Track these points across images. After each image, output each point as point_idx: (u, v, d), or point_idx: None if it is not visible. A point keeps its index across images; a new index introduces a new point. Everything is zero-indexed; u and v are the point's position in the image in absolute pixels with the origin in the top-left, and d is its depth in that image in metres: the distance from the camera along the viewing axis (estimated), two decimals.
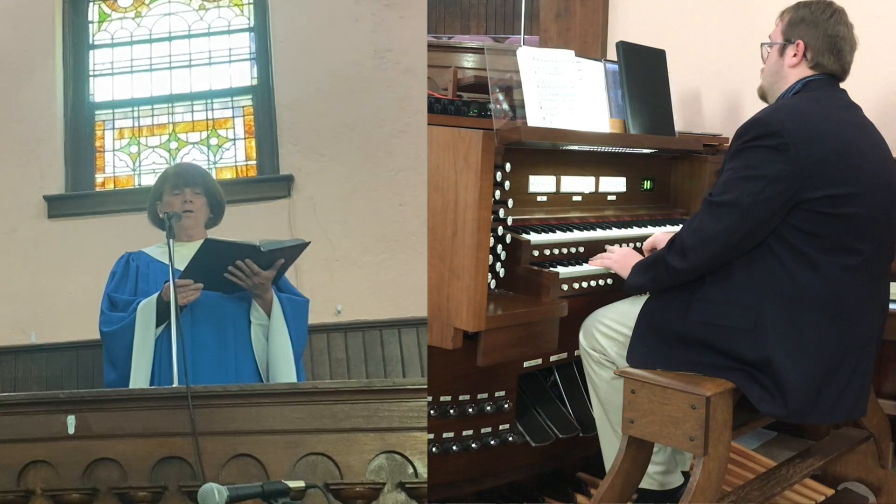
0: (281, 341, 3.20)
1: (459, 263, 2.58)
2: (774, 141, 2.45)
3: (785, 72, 2.74)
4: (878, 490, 3.14)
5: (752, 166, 2.48)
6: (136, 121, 4.98)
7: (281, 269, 3.22)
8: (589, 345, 2.85)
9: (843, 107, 2.67)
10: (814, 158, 2.45)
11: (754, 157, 2.48)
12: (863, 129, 2.66)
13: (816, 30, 2.68)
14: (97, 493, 2.64)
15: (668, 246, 2.63)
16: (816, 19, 2.69)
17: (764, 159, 2.47)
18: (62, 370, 4.54)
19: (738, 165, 2.52)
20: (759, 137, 2.48)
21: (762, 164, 2.47)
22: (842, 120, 2.60)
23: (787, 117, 2.51)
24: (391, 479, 2.62)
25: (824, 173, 2.46)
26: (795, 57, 2.71)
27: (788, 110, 2.58)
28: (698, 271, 2.57)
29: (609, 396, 2.84)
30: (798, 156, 2.44)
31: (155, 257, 3.36)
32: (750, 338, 2.48)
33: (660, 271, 2.64)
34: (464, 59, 5.52)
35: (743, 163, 2.51)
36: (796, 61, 2.71)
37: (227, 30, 5.02)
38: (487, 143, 2.56)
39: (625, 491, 2.61)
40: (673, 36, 3.98)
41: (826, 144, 2.48)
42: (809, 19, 2.70)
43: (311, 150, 4.66)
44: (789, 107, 2.62)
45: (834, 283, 2.49)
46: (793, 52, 2.71)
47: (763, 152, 2.47)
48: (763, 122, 2.51)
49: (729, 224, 2.49)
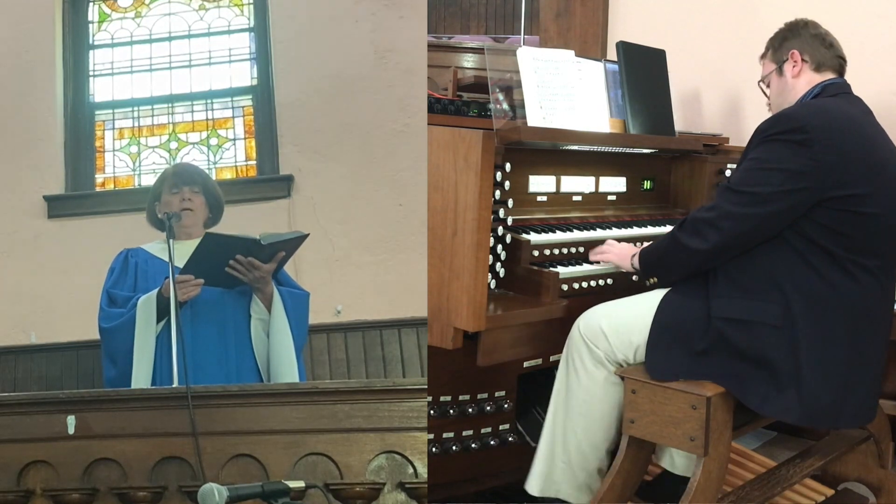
0: (282, 335, 3.20)
1: (459, 263, 2.58)
2: (799, 136, 2.45)
3: (791, 85, 2.76)
4: (878, 490, 3.14)
5: (774, 159, 2.47)
6: (136, 121, 4.98)
7: (281, 261, 3.22)
8: (589, 337, 2.67)
9: (861, 111, 2.68)
10: (836, 157, 2.44)
11: (777, 151, 2.47)
12: (880, 133, 2.66)
13: (801, 37, 2.74)
14: (97, 493, 2.63)
15: (679, 226, 2.61)
16: (796, 31, 2.77)
17: (787, 153, 2.46)
18: (62, 370, 4.54)
19: (759, 157, 2.51)
20: (783, 132, 2.47)
21: (785, 158, 2.45)
22: (863, 122, 2.60)
23: (812, 114, 2.52)
24: (391, 479, 2.61)
25: (847, 172, 2.45)
26: (796, 67, 2.74)
27: (813, 108, 2.60)
28: (709, 254, 2.52)
29: (587, 399, 2.68)
30: (821, 152, 2.43)
31: (154, 254, 3.36)
32: (778, 334, 2.45)
33: (671, 250, 2.60)
34: (464, 59, 5.51)
35: (765, 155, 2.49)
36: (798, 70, 2.74)
37: (227, 30, 5.02)
38: (487, 143, 2.56)
39: (625, 491, 2.60)
40: (673, 36, 3.97)
41: (849, 144, 2.47)
42: (790, 34, 2.77)
43: (311, 150, 4.66)
44: (814, 105, 2.64)
45: (862, 285, 2.48)
46: (791, 64, 2.74)
47: (786, 146, 2.46)
48: (788, 118, 2.51)
49: (746, 211, 2.47)
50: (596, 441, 2.71)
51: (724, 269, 2.55)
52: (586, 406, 2.69)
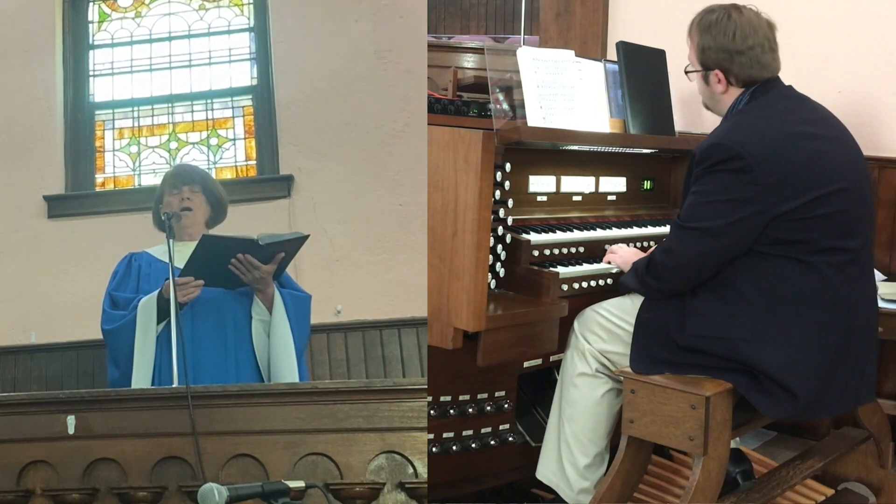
0: (282, 337, 3.20)
1: (459, 263, 2.58)
2: (737, 164, 2.42)
3: (718, 97, 2.70)
4: (878, 490, 3.14)
5: (718, 191, 2.46)
6: (136, 121, 4.97)
7: (282, 263, 3.22)
8: (582, 332, 2.81)
9: (795, 107, 2.63)
10: (779, 174, 2.43)
11: (719, 182, 2.46)
12: (820, 124, 2.61)
13: (726, 53, 2.62)
14: (97, 493, 2.63)
15: (646, 265, 2.63)
16: (721, 43, 2.61)
17: (729, 183, 2.44)
18: (62, 370, 4.54)
19: (703, 190, 2.49)
20: (721, 162, 2.45)
21: (728, 189, 2.44)
22: (799, 128, 2.55)
23: (745, 138, 2.46)
24: (391, 479, 2.62)
25: (793, 185, 2.44)
26: (721, 84, 2.67)
27: (744, 129, 2.52)
28: (674, 290, 2.57)
29: (580, 396, 2.80)
30: (763, 174, 2.42)
31: (157, 257, 3.36)
32: (750, 346, 2.48)
33: (642, 285, 2.65)
34: (464, 59, 5.52)
35: (708, 188, 2.48)
36: (723, 87, 2.67)
37: (227, 30, 5.01)
38: (487, 143, 2.56)
39: (625, 491, 2.61)
40: (673, 36, 3.95)
41: (788, 158, 2.45)
42: (715, 46, 2.62)
43: (311, 150, 4.66)
44: (744, 124, 2.56)
45: (829, 281, 2.49)
46: (716, 79, 2.67)
47: (727, 176, 2.44)
48: (722, 147, 2.46)
49: (701, 247, 2.49)
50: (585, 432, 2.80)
51: (702, 286, 2.56)
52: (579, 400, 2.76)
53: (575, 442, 2.79)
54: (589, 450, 2.78)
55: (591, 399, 2.78)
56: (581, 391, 2.79)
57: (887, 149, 3.69)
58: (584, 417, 2.78)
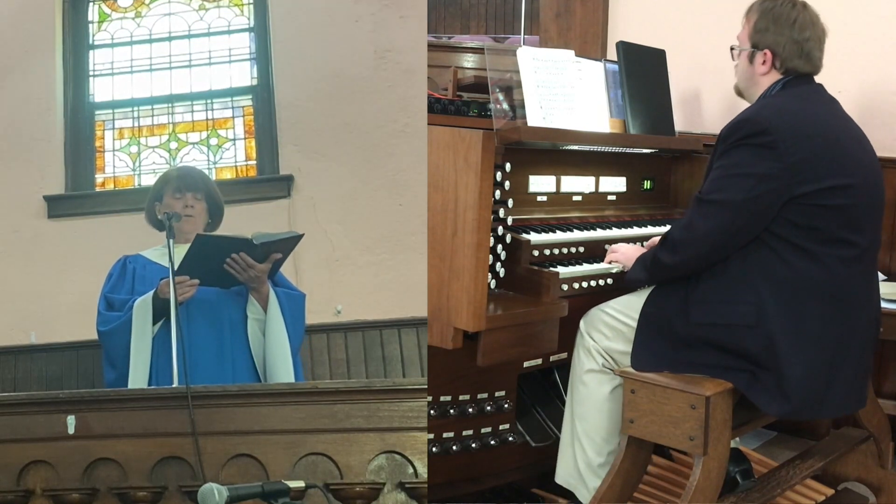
0: (278, 336, 3.20)
1: (459, 263, 2.58)
2: (763, 139, 2.47)
3: (757, 78, 2.75)
4: (878, 490, 3.14)
5: (742, 164, 2.50)
6: (136, 121, 4.97)
7: (277, 263, 3.22)
8: (588, 331, 2.82)
9: (824, 102, 2.69)
10: (802, 155, 2.47)
11: (743, 156, 2.50)
12: (845, 123, 2.69)
13: (782, 37, 2.68)
14: (97, 493, 2.63)
15: (660, 242, 2.65)
16: (781, 26, 2.68)
17: (753, 157, 2.48)
18: (62, 370, 4.54)
19: (727, 164, 2.53)
20: (747, 136, 2.50)
21: (751, 163, 2.48)
22: (826, 116, 2.63)
23: (774, 115, 2.53)
24: (391, 479, 2.61)
25: (814, 168, 2.48)
26: (765, 65, 2.72)
27: (774, 108, 2.59)
28: (688, 267, 2.58)
29: (589, 394, 2.81)
30: (786, 153, 2.46)
31: (152, 259, 3.36)
32: (753, 333, 2.49)
33: (653, 267, 2.66)
34: (464, 59, 5.52)
35: (732, 161, 2.52)
36: (766, 69, 2.72)
37: (227, 30, 5.01)
38: (487, 143, 2.56)
39: (625, 491, 2.61)
40: (673, 36, 3.97)
41: (813, 140, 2.50)
42: (774, 28, 2.69)
43: (311, 150, 4.66)
44: (775, 105, 2.63)
45: (834, 273, 2.51)
46: (761, 59, 2.72)
47: (752, 150, 2.49)
48: (751, 122, 2.52)
49: (720, 222, 2.51)
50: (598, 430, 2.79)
51: (706, 273, 2.58)
52: (589, 398, 2.76)
53: (588, 441, 2.79)
54: (602, 448, 2.78)
55: (600, 395, 2.77)
56: (590, 388, 2.79)
57: (888, 149, 3.69)
58: (595, 415, 2.78)
